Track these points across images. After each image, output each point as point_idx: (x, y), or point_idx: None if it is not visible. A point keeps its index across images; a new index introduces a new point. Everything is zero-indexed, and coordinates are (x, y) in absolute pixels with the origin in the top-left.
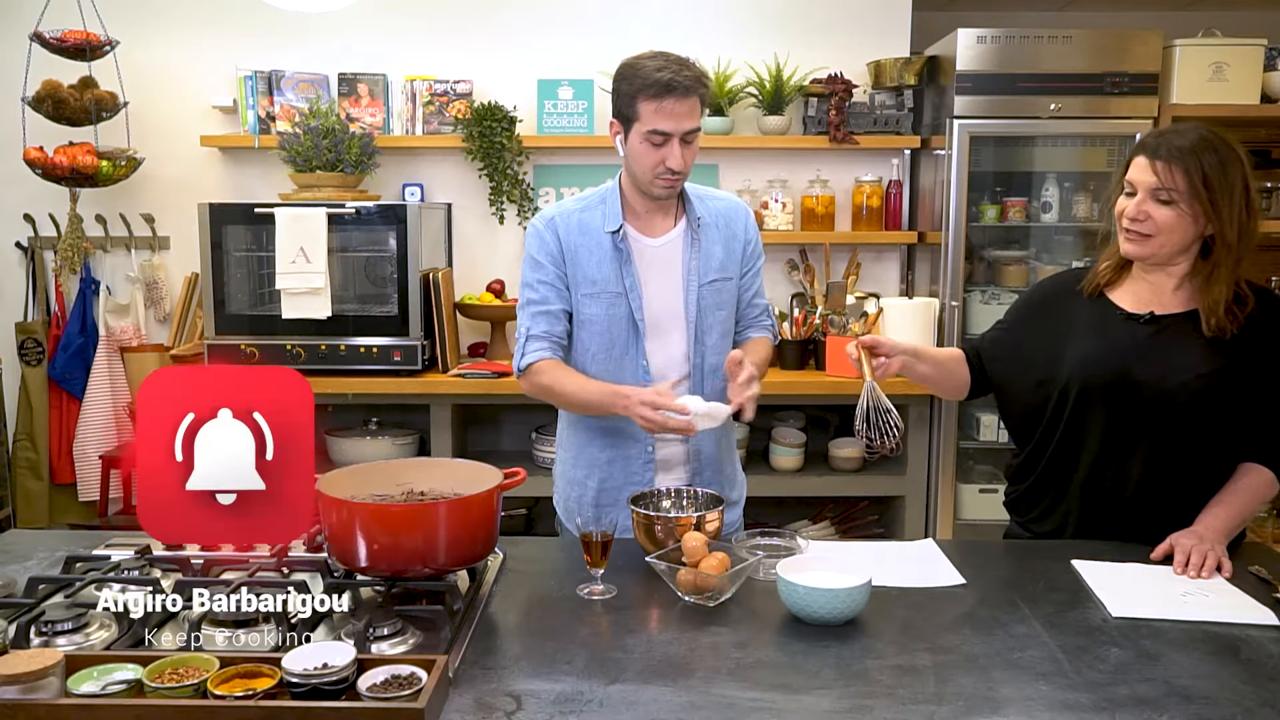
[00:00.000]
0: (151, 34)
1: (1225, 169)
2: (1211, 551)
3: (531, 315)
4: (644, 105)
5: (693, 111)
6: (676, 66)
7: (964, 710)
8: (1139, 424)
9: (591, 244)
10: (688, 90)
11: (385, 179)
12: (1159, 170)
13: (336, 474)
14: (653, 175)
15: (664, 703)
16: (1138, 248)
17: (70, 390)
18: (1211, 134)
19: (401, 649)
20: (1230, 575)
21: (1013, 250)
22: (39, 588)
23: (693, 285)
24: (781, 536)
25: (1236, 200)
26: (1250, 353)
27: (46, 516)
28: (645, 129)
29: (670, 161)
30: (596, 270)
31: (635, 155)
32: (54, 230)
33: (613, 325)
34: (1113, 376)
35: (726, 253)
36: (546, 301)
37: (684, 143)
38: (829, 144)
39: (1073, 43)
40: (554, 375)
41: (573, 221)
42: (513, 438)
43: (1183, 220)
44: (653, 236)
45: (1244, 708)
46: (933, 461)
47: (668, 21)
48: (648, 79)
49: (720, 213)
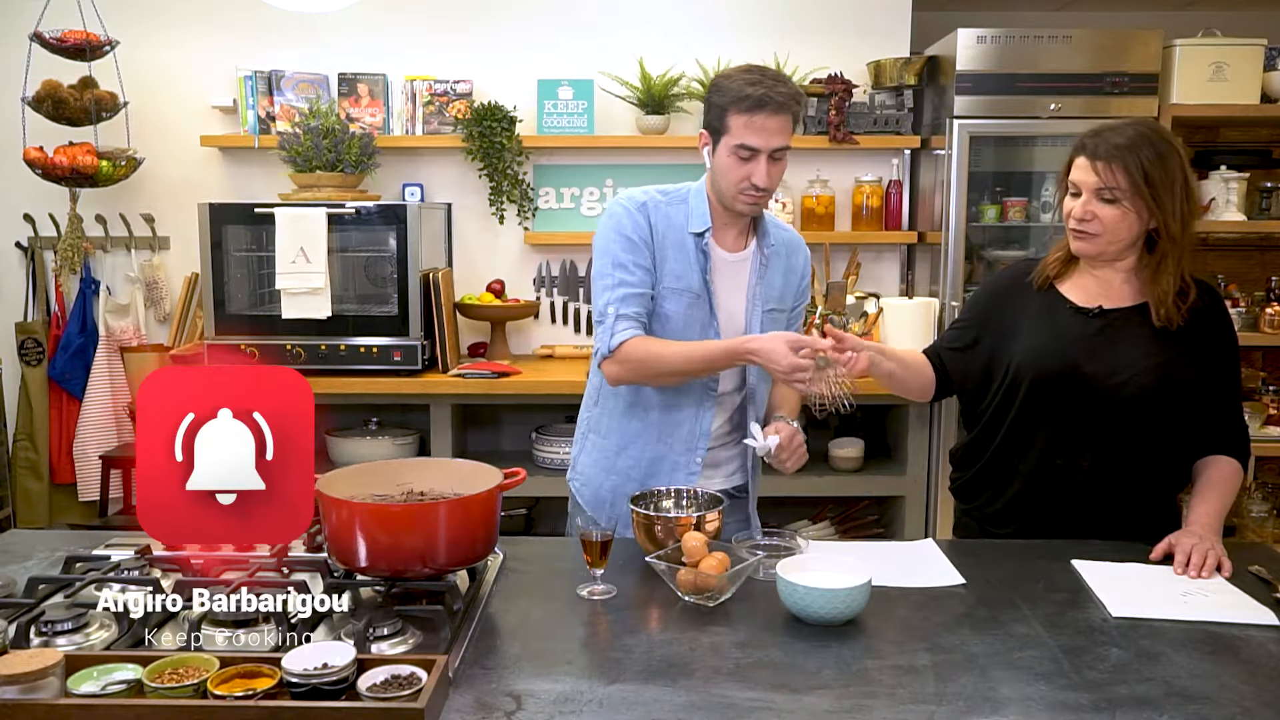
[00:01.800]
0: (151, 34)
1: (1164, 163)
2: (1212, 551)
3: (622, 296)
4: (734, 119)
5: (784, 129)
6: (771, 82)
7: (964, 710)
8: (1087, 418)
9: (677, 239)
10: (780, 107)
11: (385, 179)
12: (1100, 170)
13: (336, 474)
14: (737, 190)
15: (664, 703)
16: (1087, 245)
17: (70, 390)
18: (1148, 128)
19: (401, 649)
20: (1229, 573)
21: (1013, 250)
22: (39, 588)
23: (757, 308)
24: (781, 536)
25: (1178, 192)
26: (1195, 343)
27: (46, 516)
28: (734, 143)
29: (756, 178)
30: (681, 267)
31: (721, 169)
32: (54, 230)
33: (689, 326)
34: (1061, 370)
35: (785, 284)
36: (642, 284)
37: (772, 160)
38: (829, 144)
39: (1073, 43)
40: (648, 347)
41: (661, 211)
42: (513, 438)
43: (1127, 217)
44: (727, 250)
45: (1244, 708)
46: (933, 461)
47: (668, 21)
48: (740, 92)
49: (785, 242)
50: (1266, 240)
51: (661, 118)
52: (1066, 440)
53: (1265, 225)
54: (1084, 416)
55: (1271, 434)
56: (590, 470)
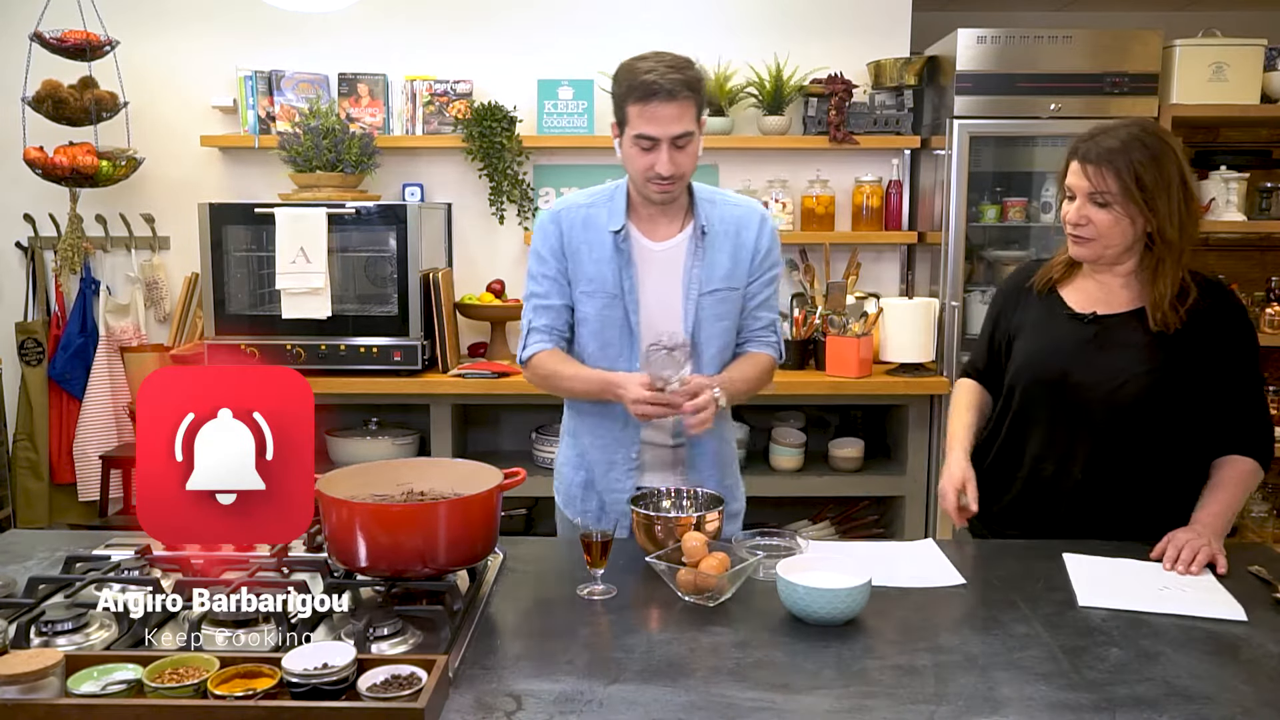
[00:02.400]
0: (151, 34)
1: (1159, 165)
2: (1205, 547)
3: (534, 309)
4: (631, 109)
5: (682, 116)
6: (664, 69)
7: (964, 710)
8: (1079, 424)
9: (594, 241)
10: (672, 94)
11: (385, 179)
12: (1090, 174)
13: (336, 474)
14: (644, 180)
15: (664, 703)
16: (1084, 250)
17: (70, 390)
18: (1143, 130)
19: (401, 649)
20: (1225, 571)
21: (1013, 250)
22: (39, 588)
23: (692, 294)
24: (781, 536)
25: (1174, 195)
26: (1196, 345)
27: (46, 516)
28: (633, 133)
29: (659, 167)
30: (595, 269)
31: (628, 159)
32: (54, 230)
33: (606, 327)
34: (1054, 378)
35: (734, 262)
36: (548, 296)
37: (676, 147)
38: (829, 144)
39: (1073, 43)
40: (553, 365)
41: (578, 217)
42: (513, 438)
43: (1121, 221)
44: (655, 240)
45: (1244, 708)
46: (933, 461)
47: (668, 21)
48: (634, 82)
49: (731, 220)
50: (1266, 240)
51: None
52: (1056, 447)
53: (1265, 225)
54: (1073, 424)
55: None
56: (563, 467)
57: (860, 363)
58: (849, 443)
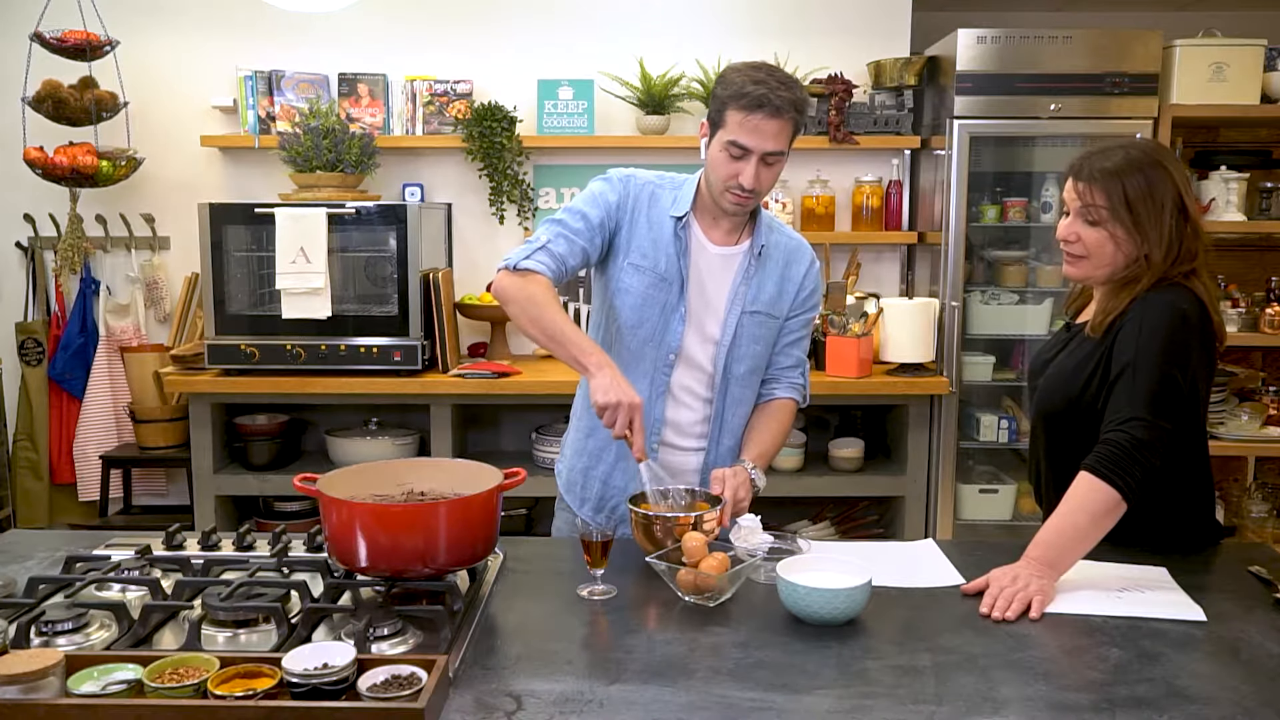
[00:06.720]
0: (151, 34)
1: (1152, 190)
2: (1022, 593)
3: (557, 235)
4: (731, 114)
5: (780, 133)
6: (775, 84)
7: (964, 710)
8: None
9: (655, 219)
10: (778, 110)
11: (385, 179)
12: (1081, 191)
13: (336, 474)
14: (723, 187)
15: (664, 703)
16: (1074, 269)
17: (70, 390)
18: (1141, 154)
19: (401, 649)
20: (1039, 616)
21: (1013, 250)
22: (39, 588)
23: (735, 308)
24: (781, 537)
25: (1166, 220)
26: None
27: (46, 516)
28: (727, 138)
29: (744, 178)
30: (650, 246)
31: (713, 163)
32: (54, 230)
33: (648, 305)
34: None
35: (779, 291)
36: (578, 236)
37: (764, 163)
38: (829, 144)
39: (1073, 43)
40: (543, 295)
41: (645, 190)
42: (513, 438)
43: (1109, 241)
44: (715, 243)
45: (1244, 708)
46: (933, 461)
47: (668, 21)
48: (741, 89)
49: (784, 249)
50: (1266, 240)
51: (661, 118)
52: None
53: (1265, 225)
54: (1036, 429)
55: (1271, 434)
56: (567, 451)
57: (860, 363)
58: (849, 443)
